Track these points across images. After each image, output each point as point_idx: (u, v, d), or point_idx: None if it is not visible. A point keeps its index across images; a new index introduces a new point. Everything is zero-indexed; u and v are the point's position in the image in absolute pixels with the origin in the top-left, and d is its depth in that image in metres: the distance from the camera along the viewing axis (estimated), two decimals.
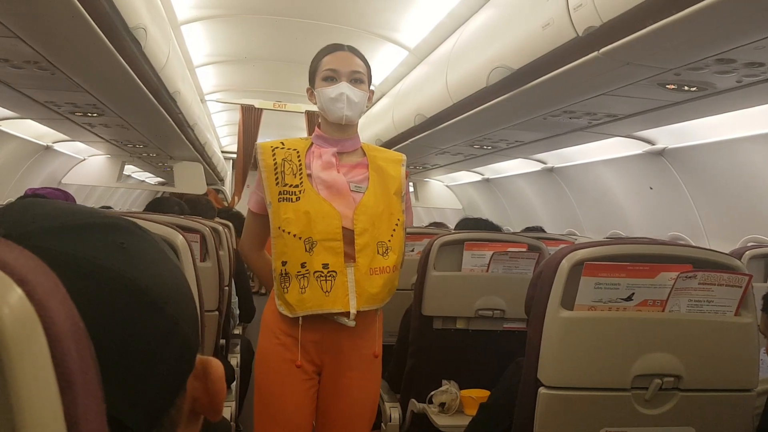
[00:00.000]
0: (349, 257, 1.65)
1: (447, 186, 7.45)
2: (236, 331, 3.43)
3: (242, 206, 8.09)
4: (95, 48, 1.95)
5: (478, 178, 6.27)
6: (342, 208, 1.65)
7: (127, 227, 0.44)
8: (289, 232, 1.62)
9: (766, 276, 2.25)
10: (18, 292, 0.26)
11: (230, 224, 3.49)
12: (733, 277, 1.23)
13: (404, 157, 1.80)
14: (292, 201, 1.64)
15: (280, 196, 1.64)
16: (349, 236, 1.64)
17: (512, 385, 1.31)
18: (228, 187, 10.90)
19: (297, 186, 1.66)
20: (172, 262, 0.46)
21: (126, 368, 0.37)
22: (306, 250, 1.62)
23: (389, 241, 1.69)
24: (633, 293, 1.20)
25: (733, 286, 1.23)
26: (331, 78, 1.71)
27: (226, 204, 8.76)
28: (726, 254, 1.27)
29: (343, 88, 1.69)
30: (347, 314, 1.63)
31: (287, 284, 1.62)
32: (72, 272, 0.36)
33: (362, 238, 1.64)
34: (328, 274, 1.62)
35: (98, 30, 1.80)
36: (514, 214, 5.84)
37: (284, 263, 1.63)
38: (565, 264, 1.20)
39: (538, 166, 4.81)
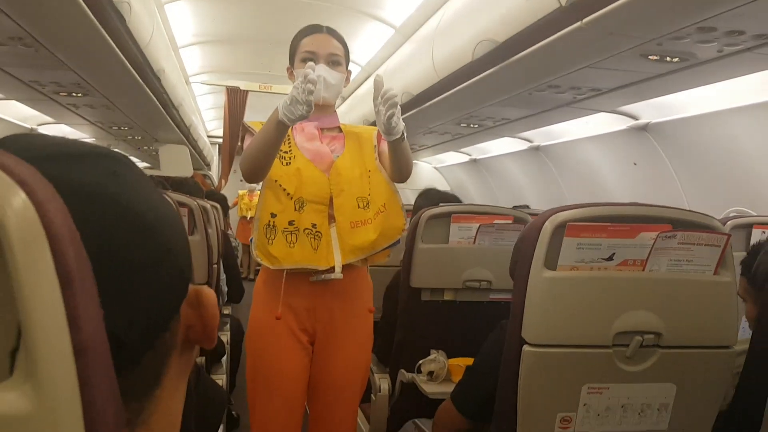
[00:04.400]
0: (332, 218, 1.73)
1: (435, 168, 7.48)
2: (225, 311, 3.45)
3: (229, 190, 8.09)
4: (79, 22, 1.95)
5: (466, 158, 6.29)
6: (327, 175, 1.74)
7: (120, 158, 0.45)
8: (284, 189, 1.69)
9: (747, 245, 2.29)
10: (21, 193, 0.27)
11: (218, 205, 3.50)
12: (712, 237, 1.25)
13: (376, 129, 1.86)
14: (283, 164, 1.72)
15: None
16: (331, 199, 1.73)
17: (497, 346, 1.33)
18: (215, 172, 10.85)
19: (288, 152, 1.73)
20: (162, 195, 0.47)
21: (121, 288, 0.38)
22: (296, 209, 1.69)
23: (369, 194, 1.77)
24: (614, 253, 1.23)
25: (712, 246, 1.26)
26: (310, 60, 1.75)
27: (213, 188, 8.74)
28: (705, 215, 1.30)
29: (321, 70, 1.74)
30: (333, 270, 1.70)
31: (272, 237, 1.68)
32: (67, 194, 0.37)
33: (339, 199, 1.73)
34: (316, 233, 1.70)
35: (81, 2, 1.80)
36: (501, 194, 5.87)
37: (273, 215, 1.69)
38: (548, 226, 1.22)
39: (525, 145, 4.84)
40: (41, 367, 0.26)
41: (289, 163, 1.72)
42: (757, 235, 2.15)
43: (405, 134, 1.65)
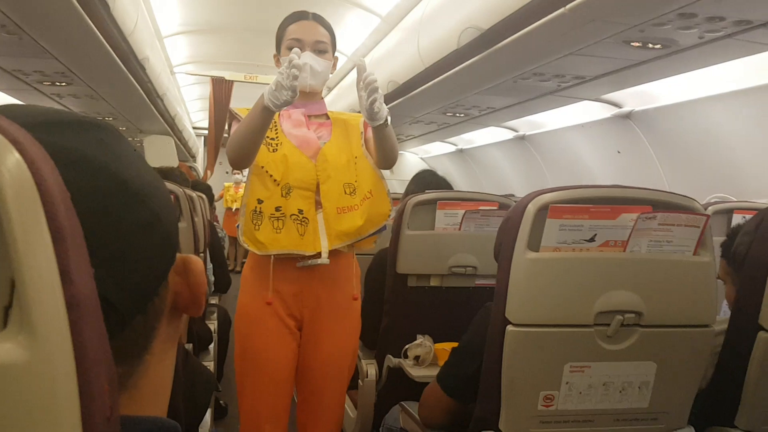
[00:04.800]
0: (318, 204, 1.74)
1: (421, 158, 7.49)
2: (212, 301, 3.45)
3: (214, 181, 8.05)
4: (63, 8, 1.94)
5: (452, 149, 6.31)
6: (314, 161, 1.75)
7: (107, 127, 0.46)
8: (271, 175, 1.70)
9: (728, 230, 2.33)
10: (14, 152, 0.27)
11: (204, 196, 3.49)
12: (692, 218, 1.28)
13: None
14: (270, 150, 1.72)
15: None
16: (316, 185, 1.74)
17: (481, 327, 1.35)
18: (200, 164, 10.79)
19: (274, 139, 1.74)
20: (148, 165, 0.48)
21: (110, 251, 0.39)
22: (282, 195, 1.70)
23: (356, 181, 1.78)
24: (595, 234, 1.25)
25: (692, 227, 1.29)
26: (295, 47, 1.75)
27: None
28: (684, 196, 1.32)
29: (307, 58, 1.73)
30: (319, 256, 1.71)
31: (259, 222, 1.69)
32: (56, 160, 0.38)
33: (326, 185, 1.74)
34: (303, 219, 1.70)
35: None
36: (487, 184, 5.90)
37: (260, 201, 1.70)
38: (531, 208, 1.24)
39: (510, 135, 4.87)
40: (35, 318, 0.27)
41: (276, 149, 1.73)
42: (737, 220, 2.19)
43: (389, 120, 1.65)
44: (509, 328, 1.23)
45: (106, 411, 0.32)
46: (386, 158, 1.77)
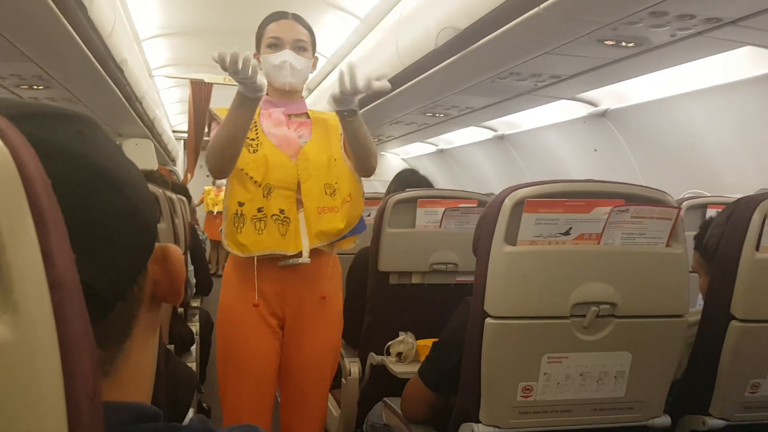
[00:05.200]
0: (300, 203, 1.74)
1: (402, 159, 7.52)
2: (194, 303, 3.43)
3: (195, 184, 8.00)
4: (40, 11, 1.92)
5: (433, 149, 6.34)
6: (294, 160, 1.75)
7: (85, 119, 0.47)
8: (251, 177, 1.70)
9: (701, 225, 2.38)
10: None
11: (184, 198, 3.48)
12: (663, 210, 1.31)
13: None
14: (250, 152, 1.72)
15: None
16: (298, 185, 1.74)
17: (461, 321, 1.37)
18: (180, 168, 10.72)
19: (254, 139, 1.74)
20: (127, 157, 0.50)
21: (90, 239, 0.40)
22: (263, 196, 1.70)
23: (336, 182, 1.78)
24: (570, 228, 1.28)
25: (664, 219, 1.32)
26: (275, 45, 1.77)
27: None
28: (656, 189, 1.35)
29: (287, 56, 1.74)
30: (301, 255, 1.72)
31: (241, 225, 1.69)
32: (37, 150, 0.39)
33: (307, 184, 1.74)
34: (284, 219, 1.71)
35: None
36: (468, 183, 5.94)
37: (241, 204, 1.70)
38: (508, 202, 1.27)
39: (490, 134, 4.91)
40: (19, 298, 0.28)
41: (257, 150, 1.73)
42: (711, 215, 2.24)
43: (358, 111, 1.65)
44: (488, 320, 1.25)
45: (89, 391, 0.33)
46: (360, 160, 1.75)
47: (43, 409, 0.28)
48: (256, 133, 1.75)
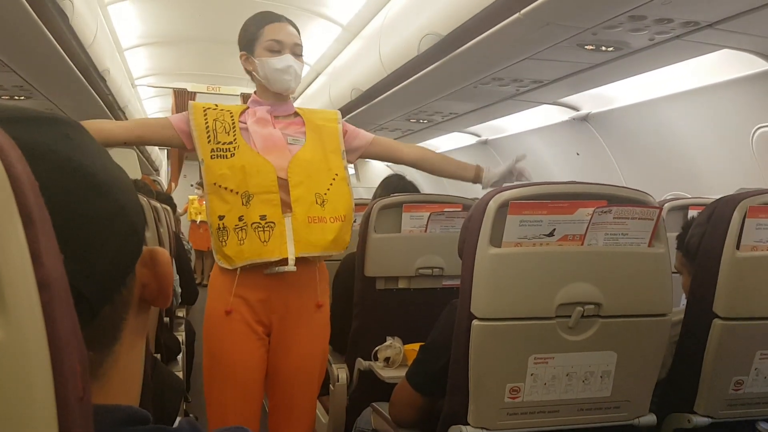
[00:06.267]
0: (287, 207, 1.71)
1: (387, 165, 7.53)
2: (180, 313, 3.41)
3: (179, 194, 7.97)
4: (20, 20, 1.91)
5: None
6: (278, 161, 1.72)
7: (71, 123, 0.47)
8: (226, 188, 1.67)
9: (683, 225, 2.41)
10: None
11: (169, 207, 3.46)
12: (645, 211, 1.33)
13: (338, 113, 1.90)
14: (226, 158, 1.69)
15: (212, 153, 1.69)
16: (285, 187, 1.71)
17: (448, 323, 1.38)
18: (164, 177, 10.67)
19: (231, 143, 1.70)
20: (113, 160, 0.50)
21: (78, 242, 0.41)
22: (243, 204, 1.67)
23: (326, 193, 1.76)
24: (554, 229, 1.29)
25: (646, 219, 1.34)
26: (276, 49, 1.74)
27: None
28: (638, 190, 1.37)
29: (290, 60, 1.74)
30: (286, 262, 1.69)
31: (225, 238, 1.67)
32: (24, 154, 0.39)
33: (298, 190, 1.71)
34: (266, 225, 1.68)
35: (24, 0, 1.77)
36: (453, 189, 5.96)
37: (221, 217, 1.68)
38: (493, 205, 1.28)
39: (474, 140, 4.94)
40: (8, 298, 0.28)
41: (233, 154, 1.69)
42: (692, 215, 2.27)
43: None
44: (475, 322, 1.26)
45: (78, 391, 0.33)
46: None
47: (33, 409, 0.29)
48: (234, 136, 1.71)
